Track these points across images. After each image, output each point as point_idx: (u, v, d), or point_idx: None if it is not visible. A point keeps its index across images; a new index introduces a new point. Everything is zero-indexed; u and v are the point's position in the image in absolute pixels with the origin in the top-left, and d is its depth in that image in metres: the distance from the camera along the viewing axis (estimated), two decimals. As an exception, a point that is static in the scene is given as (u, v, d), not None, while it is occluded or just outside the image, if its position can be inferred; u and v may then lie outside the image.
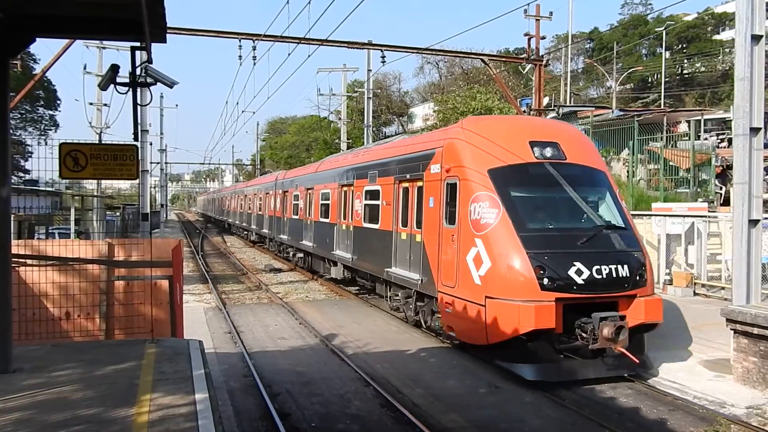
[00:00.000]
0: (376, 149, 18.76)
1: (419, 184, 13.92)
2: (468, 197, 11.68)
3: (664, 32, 58.95)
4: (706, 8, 73.88)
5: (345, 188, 19.75)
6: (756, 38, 10.78)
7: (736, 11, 11.08)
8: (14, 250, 7.66)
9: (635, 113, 32.64)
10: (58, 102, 61.00)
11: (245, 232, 45.40)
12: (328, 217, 21.37)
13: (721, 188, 25.50)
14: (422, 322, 14.25)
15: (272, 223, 32.81)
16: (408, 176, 14.65)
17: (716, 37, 68.78)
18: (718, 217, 20.17)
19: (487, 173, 11.57)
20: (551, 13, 24.70)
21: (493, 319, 10.64)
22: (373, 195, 16.97)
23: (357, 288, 20.82)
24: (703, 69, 66.82)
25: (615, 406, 9.76)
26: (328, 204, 21.38)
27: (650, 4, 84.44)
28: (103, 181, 34.01)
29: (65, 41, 19.03)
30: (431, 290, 12.91)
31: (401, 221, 14.92)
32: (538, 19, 23.69)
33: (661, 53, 63.73)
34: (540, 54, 24.10)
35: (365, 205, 17.54)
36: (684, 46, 70.17)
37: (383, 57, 22.14)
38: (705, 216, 19.83)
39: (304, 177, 26.12)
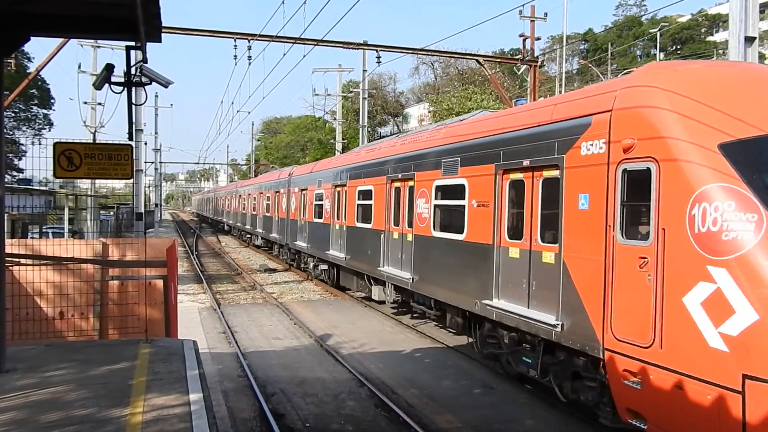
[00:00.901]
0: (453, 127, 13.00)
1: (550, 174, 9.14)
2: (684, 193, 6.82)
3: (658, 33, 59.18)
4: (700, 10, 74.34)
5: (397, 184, 14.98)
6: (749, 40, 10.84)
7: (730, 13, 11.14)
8: (8, 249, 7.64)
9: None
10: (53, 101, 60.95)
11: (248, 236, 41.19)
12: (369, 222, 16.50)
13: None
14: (555, 389, 9.27)
15: (284, 227, 28.09)
16: (527, 163, 9.55)
17: (710, 38, 69.17)
18: None
19: (720, 151, 6.63)
20: (546, 15, 24.78)
21: (762, 419, 5.95)
22: (452, 192, 12.06)
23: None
24: (697, 70, 66.98)
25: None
26: (368, 205, 16.73)
27: (644, 5, 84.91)
28: (97, 181, 33.90)
29: (60, 40, 18.97)
30: (584, 343, 8.02)
31: (510, 231, 10.07)
32: (533, 20, 23.73)
33: (655, 54, 63.97)
34: (535, 55, 24.14)
35: (435, 206, 12.77)
36: (678, 47, 70.50)
37: (378, 57, 22.20)
38: None
39: (331, 171, 20.95)
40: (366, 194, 16.81)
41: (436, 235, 12.63)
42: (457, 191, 11.83)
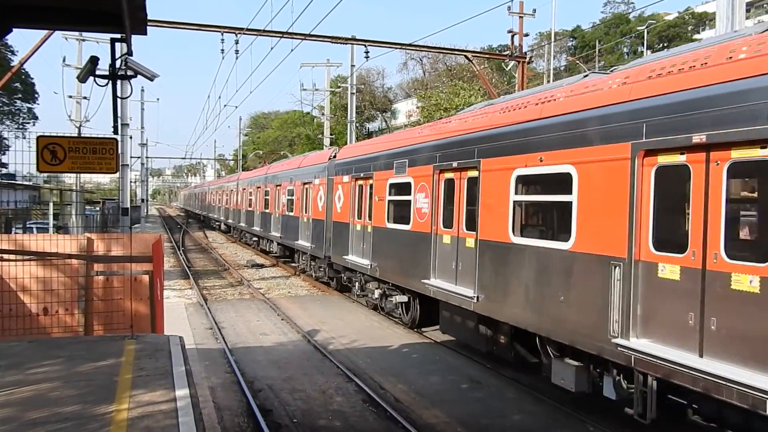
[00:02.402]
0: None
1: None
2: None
3: (645, 31, 59.52)
4: (686, 8, 74.85)
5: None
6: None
7: (717, 11, 11.22)
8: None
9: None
10: (37, 95, 60.32)
11: (254, 239, 33.77)
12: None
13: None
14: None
15: (318, 232, 20.31)
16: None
17: (696, 36, 69.56)
18: None
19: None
20: (534, 11, 24.75)
21: None
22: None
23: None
24: (683, 68, 67.50)
25: (596, 403, 9.82)
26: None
27: (632, 2, 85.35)
28: (82, 175, 33.59)
29: (43, 32, 18.72)
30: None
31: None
32: (522, 17, 23.74)
33: (642, 52, 64.33)
34: (523, 51, 24.17)
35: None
36: (665, 45, 70.89)
37: (367, 52, 22.10)
38: None
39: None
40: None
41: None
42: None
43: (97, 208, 42.94)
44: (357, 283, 17.20)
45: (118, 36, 7.20)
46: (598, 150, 7.71)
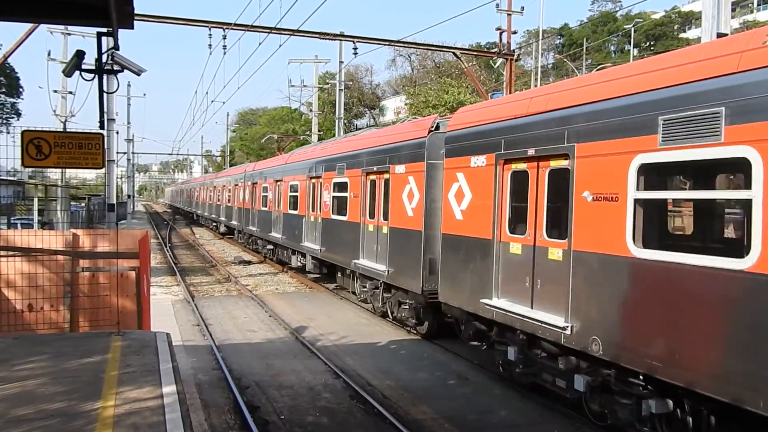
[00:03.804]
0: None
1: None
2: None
3: (632, 29, 59.87)
4: (673, 7, 75.36)
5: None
6: (721, 37, 10.99)
7: (703, 10, 11.32)
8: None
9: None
10: (21, 89, 59.55)
11: (260, 242, 28.68)
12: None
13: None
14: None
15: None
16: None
17: (683, 35, 70.18)
18: None
19: None
20: (523, 9, 24.82)
21: None
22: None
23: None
24: (669, 66, 68.02)
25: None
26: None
27: (619, 1, 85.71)
28: (67, 171, 33.28)
29: (28, 25, 18.49)
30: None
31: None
32: (510, 14, 23.79)
33: (629, 50, 64.72)
34: (511, 48, 24.24)
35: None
36: (651, 43, 71.41)
37: (355, 49, 22.05)
38: None
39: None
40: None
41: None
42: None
43: (83, 204, 42.56)
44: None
45: (105, 30, 7.14)
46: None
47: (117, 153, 45.85)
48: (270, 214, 25.59)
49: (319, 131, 42.66)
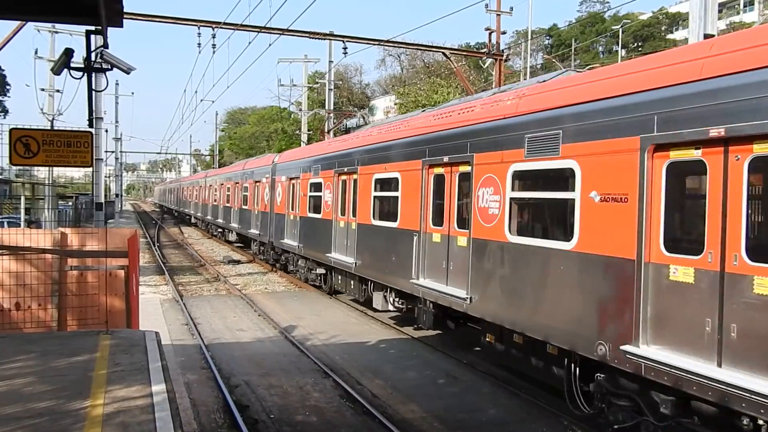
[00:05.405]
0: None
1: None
2: None
3: (620, 30, 60.25)
4: (660, 8, 75.88)
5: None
6: (708, 38, 11.10)
7: (690, 11, 11.42)
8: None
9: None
10: (8, 87, 59.06)
11: (301, 261, 20.11)
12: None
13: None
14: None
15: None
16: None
17: (670, 36, 70.69)
18: None
19: None
20: (512, 9, 24.96)
21: None
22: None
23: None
24: (657, 67, 68.49)
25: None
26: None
27: (607, 2, 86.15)
28: (55, 169, 33.02)
29: (15, 23, 18.35)
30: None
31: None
32: (499, 14, 23.88)
33: (617, 51, 65.14)
34: (500, 49, 24.32)
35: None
36: (639, 44, 71.86)
37: (345, 48, 22.03)
38: None
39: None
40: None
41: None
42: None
43: (70, 203, 42.26)
44: None
45: (94, 28, 7.10)
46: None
47: (105, 152, 45.59)
48: (329, 224, 16.38)
49: (308, 131, 42.58)
